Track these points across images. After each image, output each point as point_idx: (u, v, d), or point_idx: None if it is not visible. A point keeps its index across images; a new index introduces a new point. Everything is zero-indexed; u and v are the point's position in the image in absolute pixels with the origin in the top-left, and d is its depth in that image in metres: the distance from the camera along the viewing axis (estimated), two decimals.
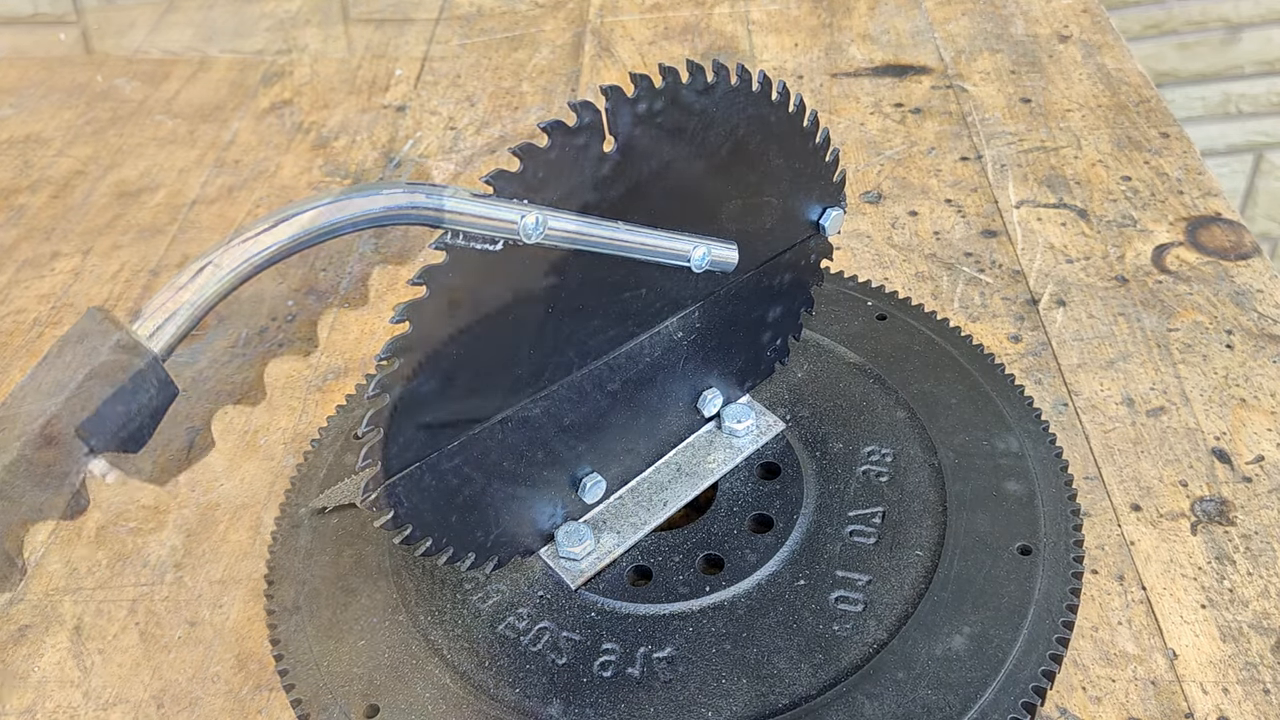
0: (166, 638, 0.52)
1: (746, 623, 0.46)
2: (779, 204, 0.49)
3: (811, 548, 0.48)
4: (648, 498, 0.50)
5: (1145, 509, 0.53)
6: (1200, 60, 1.44)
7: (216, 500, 0.60)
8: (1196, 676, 0.47)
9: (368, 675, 0.46)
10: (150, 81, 0.97)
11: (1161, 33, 1.42)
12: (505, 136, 0.82)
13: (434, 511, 0.44)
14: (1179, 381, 0.58)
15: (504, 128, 0.83)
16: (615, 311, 0.45)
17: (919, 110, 0.79)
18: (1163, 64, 1.42)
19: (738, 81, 0.44)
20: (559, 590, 0.48)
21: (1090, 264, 0.66)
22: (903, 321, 0.58)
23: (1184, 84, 1.43)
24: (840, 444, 0.52)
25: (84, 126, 0.93)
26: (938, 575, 0.46)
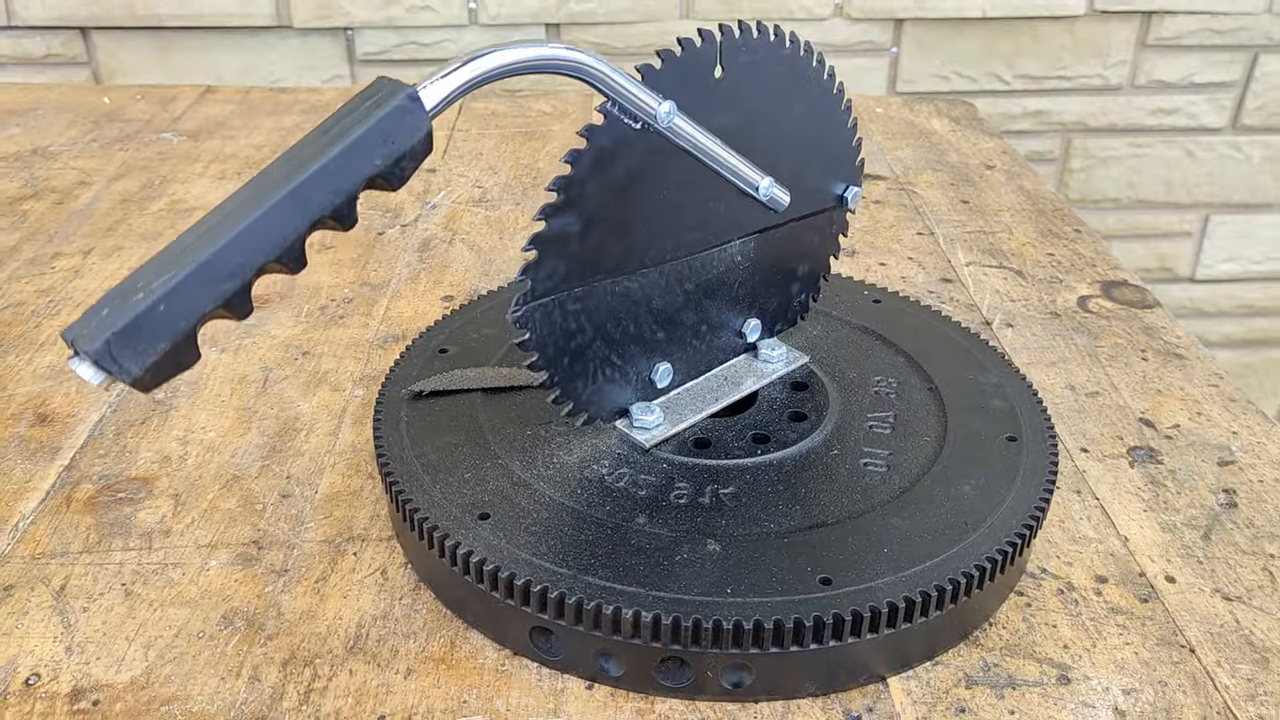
0: (153, 597, 0.54)
1: (793, 474, 0.56)
2: (819, 169, 0.62)
3: (840, 432, 0.59)
4: (701, 395, 0.61)
5: (1092, 452, 0.65)
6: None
7: (295, 415, 0.67)
8: (1145, 552, 0.58)
9: (476, 496, 0.53)
10: (160, 103, 1.07)
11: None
12: (529, 194, 0.95)
13: (554, 347, 0.53)
14: (1109, 377, 0.72)
15: (525, 191, 0.96)
16: (701, 216, 0.57)
17: (879, 201, 0.95)
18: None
19: (804, 52, 0.58)
20: (633, 450, 0.57)
21: (1029, 303, 0.80)
22: (894, 304, 0.71)
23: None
24: (854, 373, 0.64)
25: (90, 142, 1.01)
26: (944, 451, 0.57)
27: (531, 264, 0.51)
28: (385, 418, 0.59)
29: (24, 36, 1.50)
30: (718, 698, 0.49)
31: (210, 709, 0.48)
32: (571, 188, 0.50)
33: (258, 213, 0.40)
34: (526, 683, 0.50)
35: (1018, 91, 1.58)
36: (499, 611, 0.50)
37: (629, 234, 0.54)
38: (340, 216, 0.42)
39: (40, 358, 0.73)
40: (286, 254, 0.40)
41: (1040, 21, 1.54)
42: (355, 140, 0.41)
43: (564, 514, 0.52)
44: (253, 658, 0.51)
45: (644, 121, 0.51)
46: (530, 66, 0.47)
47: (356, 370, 0.71)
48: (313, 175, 0.41)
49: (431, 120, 0.43)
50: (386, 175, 0.42)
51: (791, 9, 1.50)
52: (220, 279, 0.39)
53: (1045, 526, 0.59)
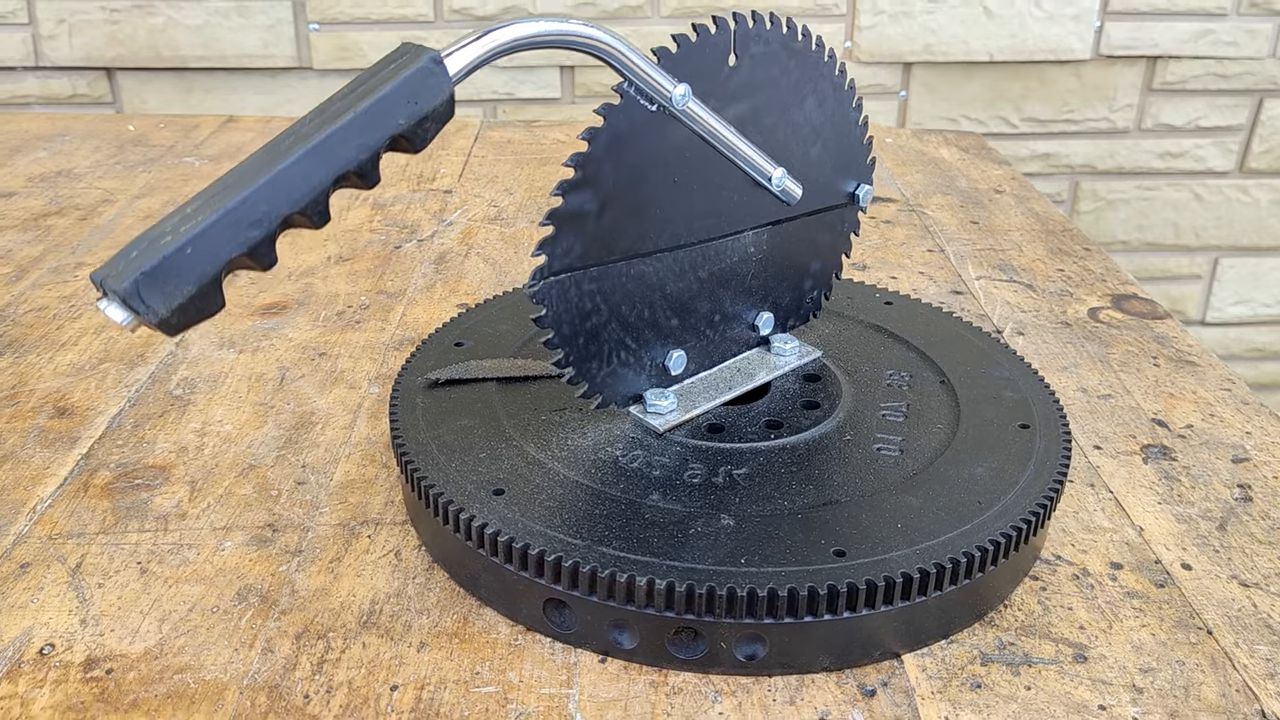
0: (168, 574, 0.54)
1: (806, 457, 0.56)
2: (830, 165, 0.63)
3: (853, 419, 0.59)
4: (714, 384, 0.61)
5: (1105, 449, 0.65)
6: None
7: (311, 411, 0.68)
8: (1160, 541, 0.57)
9: (491, 474, 0.54)
10: (182, 131, 1.09)
11: None
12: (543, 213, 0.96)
13: (569, 326, 0.54)
14: (1121, 381, 0.72)
15: (540, 210, 0.98)
16: (714, 203, 0.58)
17: (890, 221, 0.96)
18: None
19: (816, 48, 0.59)
20: (647, 434, 0.57)
21: (1040, 314, 0.81)
22: (905, 306, 0.71)
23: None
24: (866, 367, 0.64)
25: (114, 165, 1.03)
26: (958, 437, 0.57)
27: (548, 239, 0.51)
28: (401, 403, 0.60)
29: (51, 77, 1.54)
30: (731, 670, 0.48)
31: (223, 678, 0.48)
32: (588, 165, 0.51)
33: (284, 163, 0.41)
34: (539, 656, 0.50)
35: (1026, 134, 1.60)
36: (512, 585, 0.50)
37: (643, 216, 0.55)
38: (364, 173, 0.43)
39: (61, 356, 0.73)
40: (311, 206, 0.41)
41: (1047, 65, 1.56)
42: (380, 98, 0.42)
43: (578, 491, 0.53)
44: (266, 631, 0.50)
45: (659, 104, 0.52)
46: (550, 40, 0.48)
47: (372, 370, 0.72)
48: (339, 130, 0.42)
49: (454, 85, 0.44)
50: (409, 135, 0.43)
51: None
52: (246, 226, 0.40)
53: (1059, 517, 0.59)
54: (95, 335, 0.76)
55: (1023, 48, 1.55)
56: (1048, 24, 1.54)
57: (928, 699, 0.47)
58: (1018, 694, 0.47)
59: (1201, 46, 1.56)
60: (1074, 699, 0.47)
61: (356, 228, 0.93)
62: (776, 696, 0.48)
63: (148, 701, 0.47)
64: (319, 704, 0.47)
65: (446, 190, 1.02)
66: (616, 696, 0.47)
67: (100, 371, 0.71)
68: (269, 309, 0.80)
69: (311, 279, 0.84)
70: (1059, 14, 1.54)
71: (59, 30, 1.50)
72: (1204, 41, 1.56)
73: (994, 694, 0.48)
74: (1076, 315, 0.81)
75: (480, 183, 1.04)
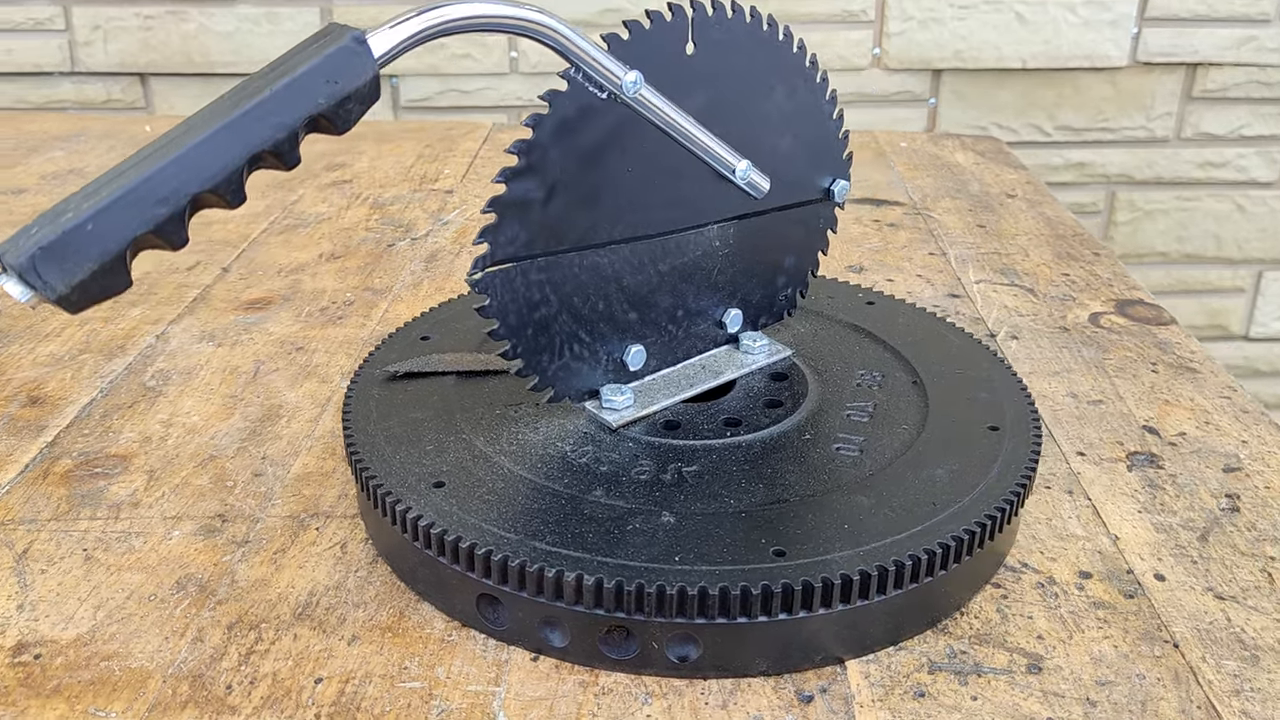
0: (112, 562, 0.53)
1: (761, 455, 0.54)
2: (802, 160, 0.61)
3: (815, 419, 0.57)
4: (676, 381, 0.59)
5: (1089, 455, 0.62)
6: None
7: (279, 404, 0.67)
8: (1135, 550, 0.55)
9: (434, 467, 0.53)
10: None
11: None
12: None
13: (516, 317, 0.53)
14: (1114, 387, 0.69)
15: None
16: (674, 194, 0.56)
17: (893, 225, 0.94)
18: None
19: (784, 37, 0.57)
20: (600, 429, 0.56)
21: (1038, 319, 0.78)
22: (888, 306, 0.69)
23: None
24: (838, 366, 0.62)
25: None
26: (922, 437, 0.55)
27: (490, 227, 0.50)
28: (357, 396, 0.59)
29: (86, 82, 1.57)
30: (664, 672, 0.47)
31: (149, 666, 0.47)
32: (533, 152, 0.50)
33: (195, 140, 0.40)
34: (471, 652, 0.48)
35: (1059, 143, 1.56)
36: (447, 579, 0.49)
37: (596, 206, 0.54)
38: (281, 153, 0.42)
39: (43, 347, 0.74)
40: (224, 185, 0.41)
41: (1081, 73, 1.53)
42: (298, 76, 0.42)
43: (519, 485, 0.51)
44: (199, 620, 0.50)
45: (610, 91, 0.51)
46: (490, 24, 0.47)
47: (347, 365, 0.71)
48: (254, 107, 0.41)
49: (379, 66, 0.44)
50: (330, 116, 0.42)
51: (829, 59, 1.51)
52: (152, 203, 0.39)
53: (1030, 524, 0.56)
54: (79, 327, 0.76)
55: (1057, 54, 1.51)
56: (1083, 30, 1.51)
57: (866, 706, 0.45)
58: (962, 704, 0.45)
59: (1244, 53, 1.52)
60: (1021, 711, 0.45)
61: (352, 226, 0.93)
62: (709, 700, 0.46)
63: (70, 688, 0.46)
64: (240, 695, 0.46)
65: (448, 190, 1.02)
66: (543, 695, 0.46)
67: (78, 362, 0.72)
68: (254, 304, 0.80)
69: (300, 275, 0.84)
70: (1095, 20, 1.51)
71: (94, 36, 1.52)
72: (1246, 48, 1.51)
73: (937, 704, 0.45)
74: (1076, 320, 0.78)
75: (483, 184, 1.04)
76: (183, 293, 0.81)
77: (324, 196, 1.00)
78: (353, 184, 1.03)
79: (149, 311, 0.79)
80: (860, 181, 1.05)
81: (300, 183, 1.04)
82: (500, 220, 0.50)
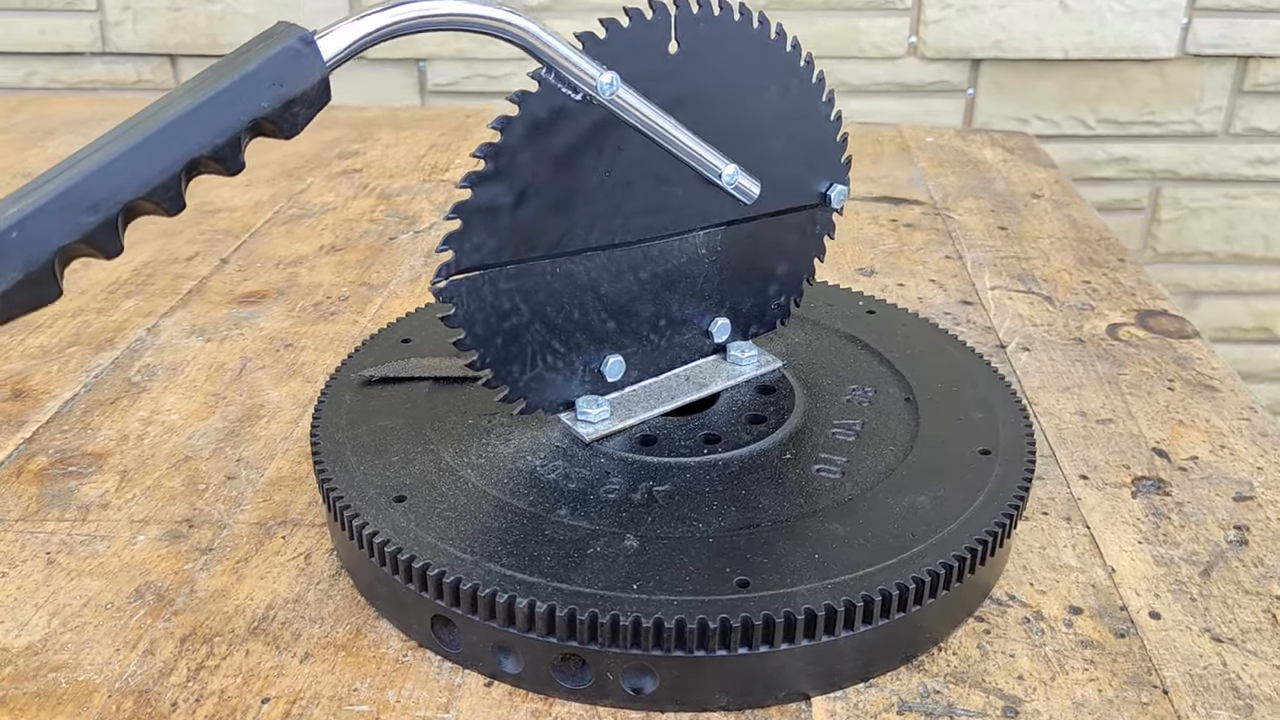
0: (74, 566, 0.53)
1: (738, 475, 0.52)
2: (796, 163, 0.58)
3: (798, 437, 0.55)
4: (657, 393, 0.57)
5: (1092, 479, 0.60)
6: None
7: (261, 403, 0.66)
8: (1131, 585, 0.52)
9: (398, 479, 0.51)
10: None
11: None
12: None
13: (484, 326, 0.51)
14: (1126, 405, 0.66)
15: None
16: (656, 200, 0.54)
17: (910, 225, 0.91)
18: None
19: (777, 35, 0.55)
20: (574, 443, 0.54)
21: (1052, 329, 0.75)
22: (888, 315, 0.67)
23: None
24: (829, 380, 0.60)
25: None
26: (908, 460, 0.53)
27: (455, 234, 0.48)
28: (329, 401, 0.57)
29: (117, 63, 1.57)
30: (620, 704, 0.45)
31: (96, 679, 0.46)
32: (500, 156, 0.48)
33: (128, 145, 0.38)
34: (424, 675, 0.47)
35: (1102, 136, 1.51)
36: (402, 598, 0.48)
37: (570, 211, 0.52)
38: (222, 158, 0.40)
39: (32, 339, 0.73)
40: (159, 191, 0.39)
41: (1127, 64, 1.47)
42: (240, 78, 0.40)
43: (482, 501, 0.50)
44: (153, 632, 0.49)
45: (584, 93, 0.49)
46: (450, 23, 0.45)
47: (333, 363, 0.70)
48: (192, 110, 0.39)
49: (330, 68, 0.42)
50: (275, 119, 0.41)
51: (863, 47, 1.47)
52: (82, 210, 0.38)
53: (1023, 552, 0.54)
54: (71, 319, 0.76)
55: (1101, 45, 1.46)
56: (1130, 20, 1.46)
57: None
58: None
59: None
60: None
61: (356, 217, 0.92)
62: None
63: (14, 699, 0.45)
64: (184, 713, 0.45)
65: (458, 183, 1.00)
66: None
67: (65, 355, 0.71)
68: (248, 297, 0.79)
69: (298, 268, 0.83)
70: (1143, 9, 1.45)
71: (124, 17, 1.52)
72: None
73: None
74: (1093, 331, 0.75)
75: None
76: (179, 284, 0.81)
77: (332, 186, 0.99)
78: (362, 173, 1.02)
79: (143, 303, 0.78)
80: (881, 178, 1.02)
81: (310, 171, 1.03)
82: (466, 226, 0.49)
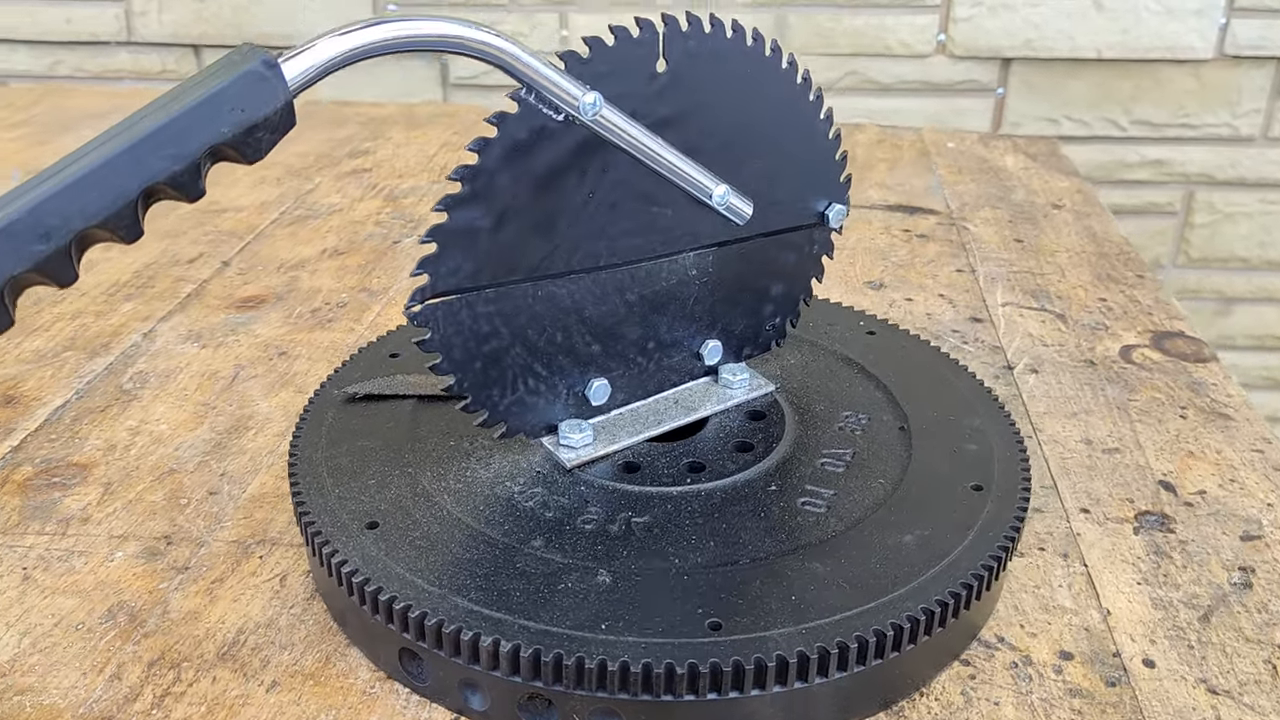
0: (49, 584, 0.52)
1: (720, 507, 0.50)
2: (792, 182, 0.57)
3: (785, 467, 0.53)
4: (644, 417, 0.56)
5: (1093, 513, 0.58)
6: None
7: (250, 414, 0.65)
8: (1126, 629, 0.50)
9: (372, 504, 0.50)
10: None
11: None
12: None
13: (462, 350, 0.50)
14: (1134, 433, 0.64)
15: None
16: (643, 221, 0.53)
17: (924, 236, 0.89)
18: None
19: (771, 52, 0.53)
20: (555, 469, 0.53)
21: (1063, 349, 0.73)
22: (889, 337, 0.65)
23: None
24: (822, 406, 0.58)
25: None
26: (896, 495, 0.51)
27: (430, 258, 0.47)
28: (310, 418, 0.57)
29: (142, 53, 1.57)
30: None
31: (60, 704, 0.46)
32: (478, 179, 0.47)
33: (82, 172, 0.37)
34: (391, 708, 0.46)
35: (1135, 139, 1.48)
36: (371, 628, 0.47)
37: (551, 234, 0.50)
38: (180, 185, 0.39)
39: (29, 342, 0.73)
40: (114, 220, 0.38)
41: (1162, 65, 1.44)
42: (199, 103, 0.39)
43: (456, 530, 0.49)
44: (122, 655, 0.48)
45: (566, 113, 0.47)
46: (422, 44, 0.43)
47: (327, 373, 0.69)
48: (148, 136, 0.38)
49: (295, 92, 0.41)
50: (237, 145, 0.40)
51: (890, 45, 1.45)
52: (33, 239, 0.37)
53: (1016, 591, 0.52)
54: (70, 321, 0.75)
55: (1136, 45, 1.43)
56: (1165, 19, 1.42)
57: None
58: None
59: None
60: None
61: (362, 219, 0.91)
62: None
63: None
64: None
65: None
66: None
67: (60, 360, 0.71)
68: (247, 302, 0.78)
69: (299, 272, 0.82)
70: (1179, 9, 1.42)
71: (149, 7, 1.52)
72: None
73: None
74: (1106, 353, 0.72)
75: None
76: (179, 287, 0.80)
77: (339, 186, 0.98)
78: (371, 173, 1.01)
79: (142, 306, 0.77)
80: (897, 185, 1.00)
81: (319, 170, 1.02)
82: (441, 250, 0.47)
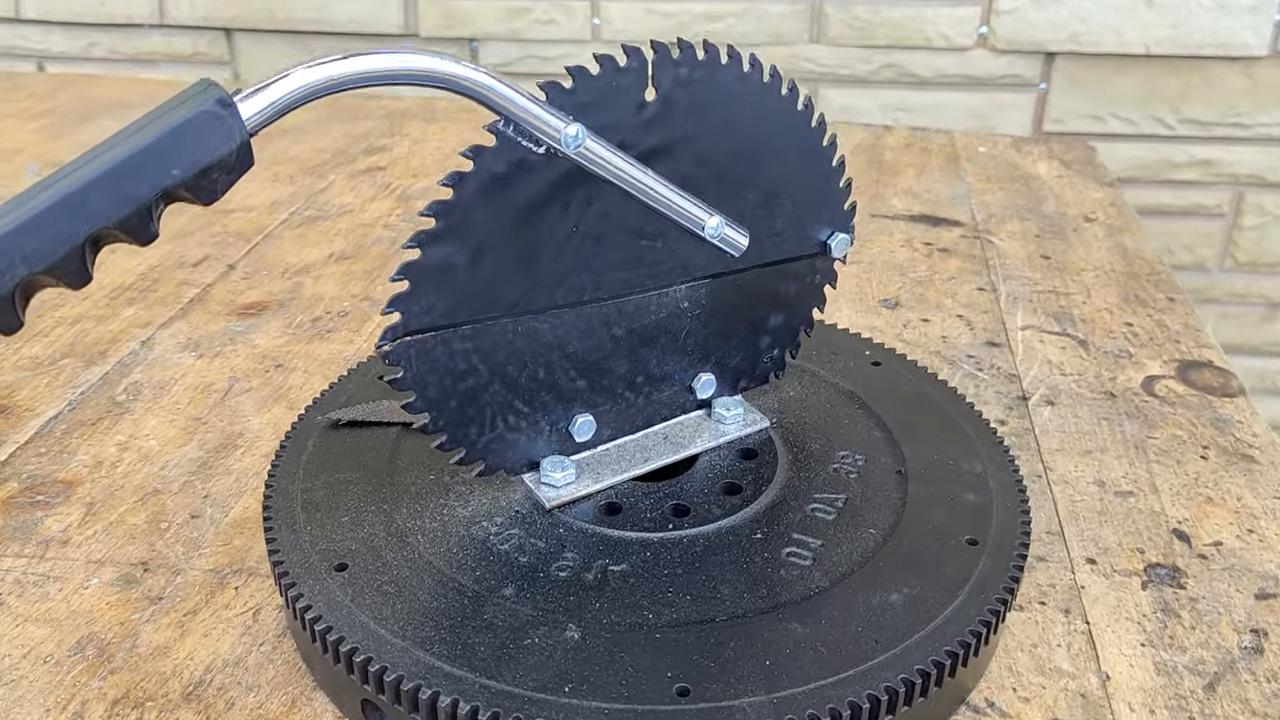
0: (24, 611, 0.51)
1: (701, 557, 0.48)
2: (792, 211, 0.54)
3: (773, 513, 0.51)
4: (630, 454, 0.54)
5: (1100, 564, 0.55)
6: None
7: (240, 431, 0.64)
8: (1125, 698, 0.48)
9: (343, 544, 0.49)
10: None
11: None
12: None
13: (438, 388, 0.48)
14: (1150, 476, 0.61)
15: None
16: (631, 255, 0.51)
17: (946, 250, 0.86)
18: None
19: (770, 79, 0.51)
20: (534, 509, 0.51)
21: (1083, 379, 0.70)
22: (895, 369, 0.62)
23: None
24: (817, 445, 0.56)
25: None
26: (886, 548, 0.49)
27: (402, 296, 0.46)
28: (290, 446, 0.55)
29: (174, 35, 1.57)
30: None
31: None
32: (452, 214, 0.45)
33: (25, 217, 0.36)
34: None
35: (1184, 138, 1.43)
36: (333, 676, 0.45)
37: (534, 268, 0.48)
38: (131, 229, 0.38)
39: (28, 348, 0.72)
40: (59, 267, 0.37)
41: (1213, 62, 1.39)
42: (148, 145, 0.37)
43: (426, 575, 0.47)
44: (86, 692, 0.47)
45: (547, 145, 0.45)
46: (394, 78, 0.42)
47: (321, 387, 0.68)
48: (95, 180, 0.37)
49: (252, 131, 0.39)
50: (190, 187, 0.38)
51: (930, 37, 1.41)
52: None
53: (1012, 649, 0.50)
54: (70, 327, 0.75)
55: (1186, 41, 1.38)
56: (1218, 15, 1.37)
57: None
58: None
59: None
60: None
61: (371, 222, 0.90)
62: None
63: None
64: None
65: None
66: None
67: (57, 368, 0.70)
68: (249, 309, 0.77)
69: (304, 277, 0.81)
70: (1232, 5, 1.36)
71: None
72: None
73: None
74: (1127, 384, 0.69)
75: None
76: (182, 292, 0.79)
77: (352, 185, 0.97)
78: (386, 171, 1.00)
79: (143, 312, 0.77)
80: (923, 193, 0.97)
81: (333, 168, 1.01)
82: (414, 287, 0.46)
